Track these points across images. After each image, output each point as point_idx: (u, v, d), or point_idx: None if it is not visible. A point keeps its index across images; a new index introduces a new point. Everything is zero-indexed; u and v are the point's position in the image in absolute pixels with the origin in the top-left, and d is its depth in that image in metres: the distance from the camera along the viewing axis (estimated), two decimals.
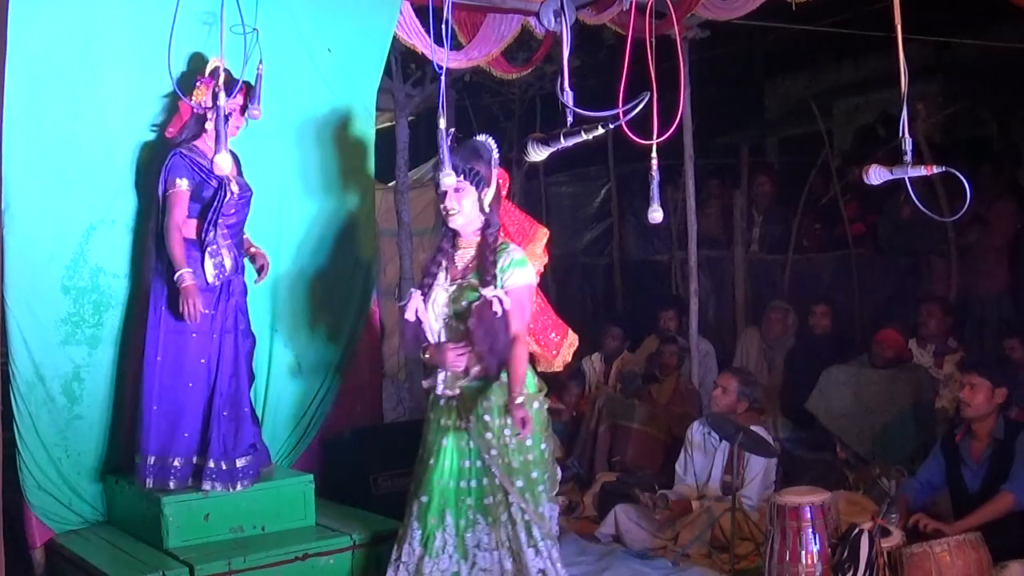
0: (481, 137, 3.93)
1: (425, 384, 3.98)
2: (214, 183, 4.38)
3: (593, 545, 5.49)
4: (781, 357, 7.43)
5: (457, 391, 3.84)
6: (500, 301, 3.70)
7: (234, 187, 4.45)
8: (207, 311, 4.40)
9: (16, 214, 4.26)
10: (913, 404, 6.15)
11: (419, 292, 3.86)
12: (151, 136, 4.61)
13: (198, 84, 4.31)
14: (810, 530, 4.30)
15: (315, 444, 5.25)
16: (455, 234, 3.89)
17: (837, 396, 6.37)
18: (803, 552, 4.29)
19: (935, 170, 3.40)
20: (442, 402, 3.89)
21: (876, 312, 7.66)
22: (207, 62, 4.38)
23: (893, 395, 6.20)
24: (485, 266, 3.76)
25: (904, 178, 3.40)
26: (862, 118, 11.68)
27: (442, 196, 3.79)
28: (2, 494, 3.82)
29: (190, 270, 4.31)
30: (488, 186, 3.82)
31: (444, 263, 3.89)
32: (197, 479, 4.40)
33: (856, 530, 4.21)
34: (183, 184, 4.35)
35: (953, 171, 3.35)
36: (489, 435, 3.78)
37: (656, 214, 3.19)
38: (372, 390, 5.55)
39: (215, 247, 4.40)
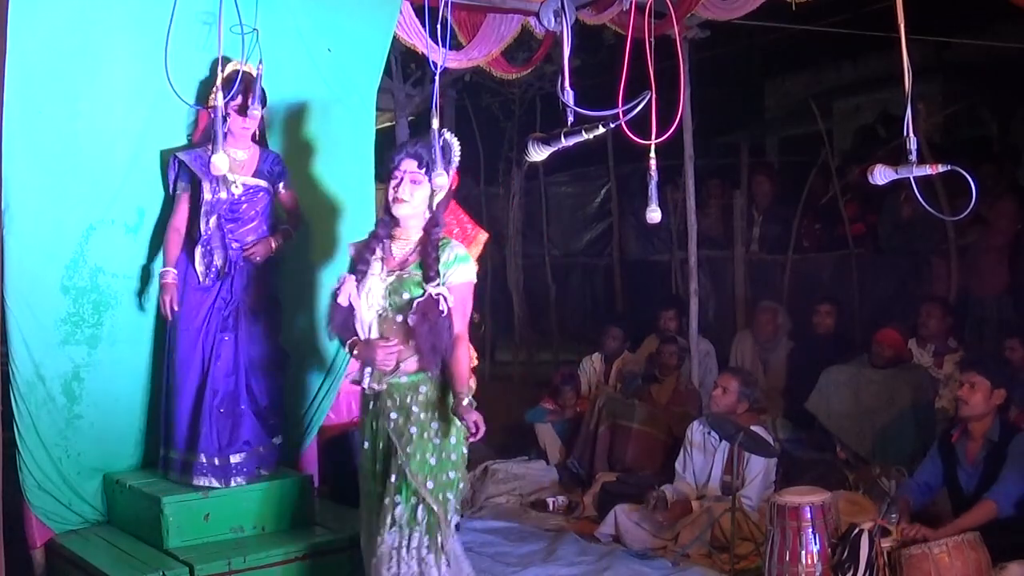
0: (448, 135, 3.86)
1: (350, 378, 3.94)
2: (215, 184, 4.46)
3: (593, 545, 5.49)
4: (774, 357, 7.43)
5: (383, 386, 3.76)
6: (444, 299, 3.63)
7: (236, 188, 4.49)
8: (204, 309, 4.49)
9: (16, 214, 4.25)
10: (913, 404, 6.15)
11: (353, 278, 3.79)
12: (152, 137, 4.62)
13: (213, 90, 4.35)
14: (810, 530, 4.30)
15: (315, 444, 5.25)
16: (394, 223, 3.82)
17: (837, 396, 6.37)
18: (803, 552, 4.29)
19: (940, 169, 3.38)
20: (371, 404, 3.81)
21: (876, 312, 7.65)
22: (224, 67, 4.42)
23: (893, 395, 6.20)
24: (428, 262, 3.69)
25: (905, 178, 3.39)
26: (862, 118, 11.68)
27: (396, 181, 3.75)
28: (2, 494, 3.82)
29: (172, 270, 4.48)
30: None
31: (379, 252, 3.81)
32: (187, 474, 4.44)
33: (856, 530, 4.21)
34: (181, 186, 4.51)
35: (959, 169, 3.33)
36: (413, 429, 3.70)
37: (654, 214, 3.19)
38: None
39: (207, 248, 4.50)
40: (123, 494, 4.55)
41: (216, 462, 4.43)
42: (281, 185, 4.70)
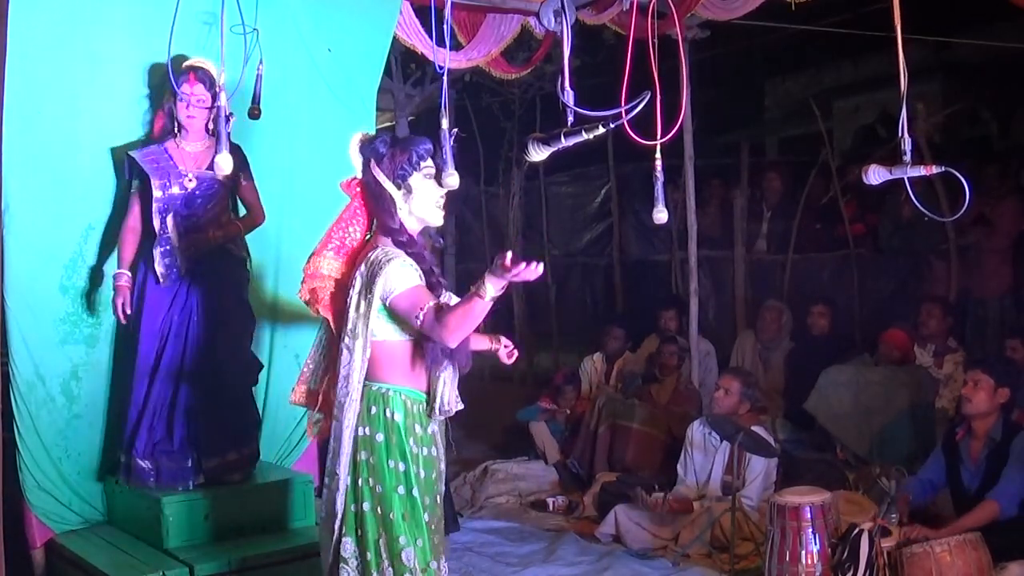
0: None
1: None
2: (166, 180, 4.37)
3: (593, 545, 5.49)
4: (776, 357, 7.43)
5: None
6: None
7: (189, 182, 4.41)
8: (163, 312, 4.41)
9: (16, 214, 4.26)
10: (912, 404, 6.15)
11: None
12: (145, 136, 4.61)
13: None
14: (810, 530, 4.30)
15: (315, 444, 5.25)
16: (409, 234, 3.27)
17: (836, 397, 6.37)
18: (803, 552, 4.29)
19: (935, 170, 3.39)
20: (427, 428, 3.30)
21: (876, 312, 7.66)
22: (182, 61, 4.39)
23: (892, 395, 6.20)
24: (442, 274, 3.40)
25: (904, 178, 3.39)
26: (862, 118, 11.69)
27: (433, 180, 3.24)
28: (2, 494, 3.82)
29: (126, 272, 4.38)
30: None
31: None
32: (131, 477, 4.38)
33: (856, 530, 4.21)
34: (135, 185, 4.42)
35: (952, 171, 3.34)
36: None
37: (661, 215, 3.18)
38: None
39: (167, 248, 4.39)
40: (123, 494, 4.55)
41: (147, 464, 4.35)
42: (241, 177, 4.55)
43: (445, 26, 3.50)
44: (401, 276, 3.11)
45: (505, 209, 10.15)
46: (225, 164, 3.15)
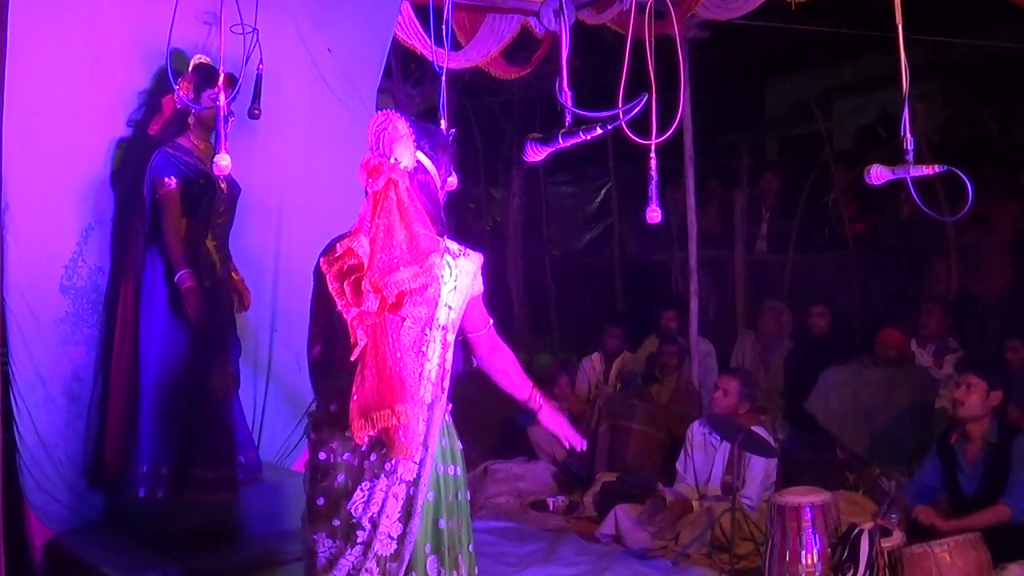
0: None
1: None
2: (201, 181, 4.32)
3: (593, 545, 5.49)
4: (777, 357, 7.43)
5: None
6: None
7: (223, 185, 4.37)
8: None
9: (16, 214, 4.26)
10: (912, 404, 6.15)
11: None
12: (144, 134, 4.60)
13: (180, 80, 4.29)
14: (810, 530, 4.31)
15: None
16: None
17: (836, 396, 6.37)
18: (803, 552, 4.29)
19: (937, 169, 3.39)
20: None
21: (876, 312, 7.66)
22: (188, 59, 4.36)
23: (892, 395, 6.20)
24: None
25: (904, 178, 3.39)
26: (862, 118, 11.66)
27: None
28: (2, 494, 3.82)
29: (190, 271, 4.25)
30: None
31: None
32: (179, 486, 4.28)
33: (856, 530, 4.21)
34: (173, 183, 4.29)
35: (955, 170, 3.33)
36: None
37: (655, 214, 3.19)
38: None
39: (204, 248, 4.35)
40: (123, 494, 4.55)
41: (209, 475, 4.28)
42: None
43: (445, 26, 3.50)
44: (481, 277, 3.04)
45: (505, 209, 10.15)
46: (227, 164, 3.16)
